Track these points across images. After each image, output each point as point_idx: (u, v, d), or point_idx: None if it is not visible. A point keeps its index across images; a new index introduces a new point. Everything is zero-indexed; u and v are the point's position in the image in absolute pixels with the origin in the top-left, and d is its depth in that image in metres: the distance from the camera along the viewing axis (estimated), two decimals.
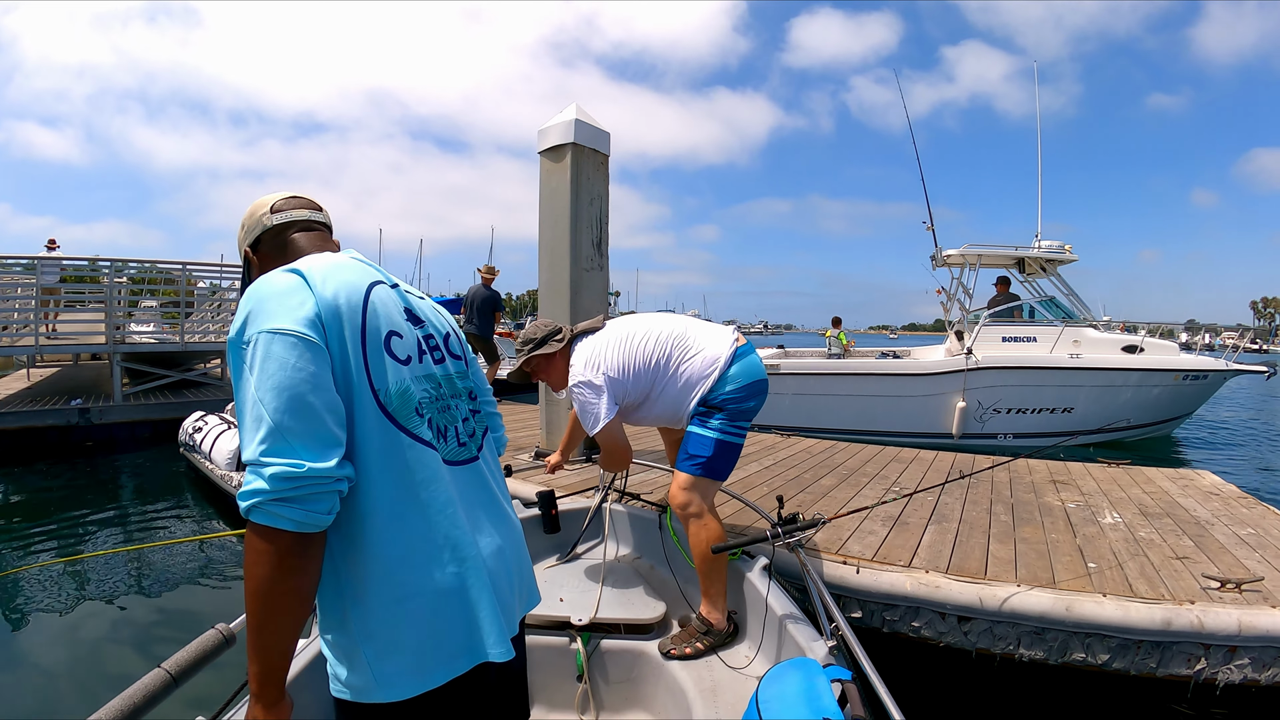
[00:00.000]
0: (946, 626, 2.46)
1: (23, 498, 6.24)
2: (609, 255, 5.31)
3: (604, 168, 5.18)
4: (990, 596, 2.37)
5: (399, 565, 0.94)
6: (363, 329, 0.96)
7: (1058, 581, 2.46)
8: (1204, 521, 3.32)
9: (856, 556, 2.73)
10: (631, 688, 2.08)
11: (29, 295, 9.19)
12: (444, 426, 1.05)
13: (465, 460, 1.07)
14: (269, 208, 1.16)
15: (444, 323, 1.17)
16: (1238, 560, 2.73)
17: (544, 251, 5.16)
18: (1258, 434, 11.96)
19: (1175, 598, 2.33)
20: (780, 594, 2.14)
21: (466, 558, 0.99)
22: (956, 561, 2.69)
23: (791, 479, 4.31)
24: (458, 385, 1.12)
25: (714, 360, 2.19)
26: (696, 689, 1.93)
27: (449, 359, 1.13)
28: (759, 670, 1.95)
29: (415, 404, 1.00)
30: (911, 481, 4.27)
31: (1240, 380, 10.35)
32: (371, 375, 0.95)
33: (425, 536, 0.96)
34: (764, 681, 1.48)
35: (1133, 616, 2.24)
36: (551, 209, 5.05)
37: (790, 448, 5.54)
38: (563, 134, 4.90)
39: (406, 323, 1.05)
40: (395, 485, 0.95)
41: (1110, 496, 3.86)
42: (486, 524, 1.06)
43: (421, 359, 1.05)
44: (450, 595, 0.96)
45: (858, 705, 1.35)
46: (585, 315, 5.03)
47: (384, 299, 1.03)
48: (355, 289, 0.98)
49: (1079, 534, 3.09)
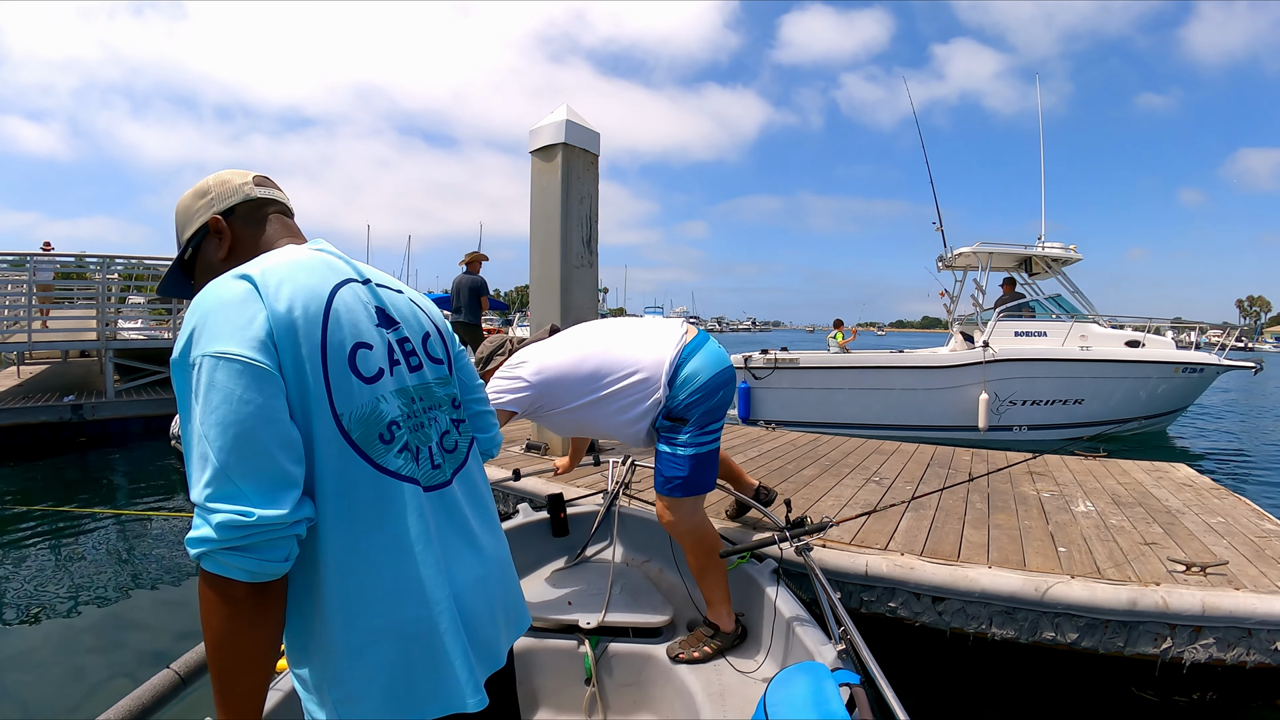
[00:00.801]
0: (921, 607, 2.55)
1: (16, 492, 6.26)
2: (599, 253, 5.39)
3: (594, 167, 5.26)
4: (963, 578, 2.46)
5: (362, 611, 0.86)
6: (323, 345, 0.85)
7: (1028, 564, 2.56)
8: (1175, 510, 3.43)
9: (835, 540, 2.82)
10: (639, 691, 2.10)
11: (19, 293, 9.19)
12: (416, 448, 0.94)
13: (439, 484, 0.97)
14: (251, 179, 1.07)
15: (424, 320, 1.07)
16: (1205, 547, 2.83)
17: (535, 249, 5.24)
18: (1247, 428, 12.25)
19: (1141, 580, 2.42)
20: (788, 597, 2.14)
21: (436, 599, 0.89)
22: (931, 545, 2.78)
23: (775, 469, 4.41)
24: (437, 394, 1.02)
25: (655, 376, 2.07)
26: (704, 692, 1.93)
27: (427, 364, 1.02)
28: (767, 673, 1.95)
29: (385, 426, 0.89)
30: (891, 473, 4.37)
31: (1229, 376, 10.60)
32: (333, 398, 0.85)
33: (391, 578, 0.87)
34: (772, 685, 1.47)
35: (1099, 597, 2.33)
36: (542, 207, 5.12)
37: (775, 440, 5.64)
38: (553, 134, 4.97)
39: (376, 329, 0.94)
40: (356, 523, 0.86)
41: (1084, 487, 3.97)
42: (465, 553, 0.97)
43: (394, 370, 0.94)
44: (418, 640, 0.88)
45: (866, 709, 1.35)
46: (575, 311, 5.11)
47: (350, 304, 0.92)
48: (316, 295, 0.88)
49: (1051, 521, 3.19)
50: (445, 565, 0.92)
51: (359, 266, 1.01)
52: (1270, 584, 2.39)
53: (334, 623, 0.85)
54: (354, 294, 0.94)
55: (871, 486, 3.94)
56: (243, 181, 1.05)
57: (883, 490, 3.83)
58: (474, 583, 0.97)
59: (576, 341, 2.23)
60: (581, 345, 2.20)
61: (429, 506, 0.93)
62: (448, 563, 0.93)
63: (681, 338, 2.14)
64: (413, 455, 0.92)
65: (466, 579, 0.95)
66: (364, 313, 0.93)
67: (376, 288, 0.99)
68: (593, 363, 2.12)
